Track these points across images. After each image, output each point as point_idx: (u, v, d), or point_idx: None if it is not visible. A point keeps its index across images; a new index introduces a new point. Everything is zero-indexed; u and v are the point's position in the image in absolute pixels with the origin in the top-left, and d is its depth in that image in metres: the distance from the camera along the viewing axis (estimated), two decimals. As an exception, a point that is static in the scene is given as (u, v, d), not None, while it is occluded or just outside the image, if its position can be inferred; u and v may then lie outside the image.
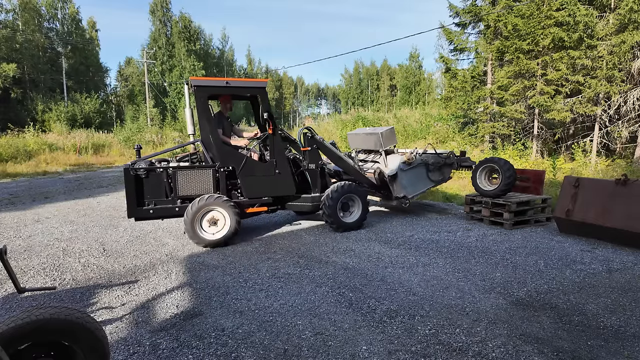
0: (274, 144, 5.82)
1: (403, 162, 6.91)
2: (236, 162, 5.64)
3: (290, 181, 5.95)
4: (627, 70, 12.54)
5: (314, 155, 6.20)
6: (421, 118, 23.52)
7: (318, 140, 6.28)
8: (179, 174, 5.35)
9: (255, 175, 5.77)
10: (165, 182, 5.39)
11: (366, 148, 7.96)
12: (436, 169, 7.21)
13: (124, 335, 3.10)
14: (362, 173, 6.78)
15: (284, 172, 5.89)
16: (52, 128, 29.09)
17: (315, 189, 6.21)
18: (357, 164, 6.88)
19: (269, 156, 5.91)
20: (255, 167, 5.78)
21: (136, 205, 5.24)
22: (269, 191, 5.87)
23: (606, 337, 3.00)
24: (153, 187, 5.35)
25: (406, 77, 56.75)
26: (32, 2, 35.46)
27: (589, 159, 12.67)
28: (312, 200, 6.16)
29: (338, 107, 78.97)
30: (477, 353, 2.78)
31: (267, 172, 5.80)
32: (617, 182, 5.44)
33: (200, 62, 43.38)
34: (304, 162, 6.21)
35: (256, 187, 5.79)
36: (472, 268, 4.50)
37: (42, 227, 6.64)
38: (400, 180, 6.85)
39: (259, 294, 3.86)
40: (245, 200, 5.78)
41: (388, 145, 7.29)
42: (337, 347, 2.88)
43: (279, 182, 5.86)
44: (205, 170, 5.49)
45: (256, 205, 5.83)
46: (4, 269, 3.35)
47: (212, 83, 5.77)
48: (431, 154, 7.21)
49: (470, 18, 16.24)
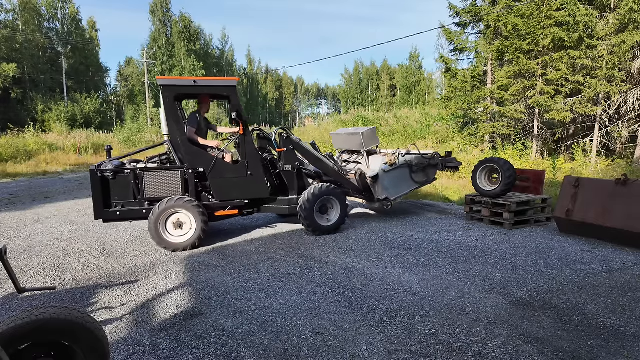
0: (245, 144, 5.60)
1: (385, 163, 6.74)
2: (205, 163, 5.45)
3: (263, 183, 5.76)
4: (627, 70, 12.54)
5: (289, 156, 6.00)
6: (421, 118, 23.54)
7: (294, 140, 6.07)
8: (146, 175, 5.22)
9: (226, 177, 5.57)
10: (133, 184, 5.25)
11: (348, 148, 7.77)
12: (420, 170, 7.03)
13: (124, 335, 3.10)
14: (342, 174, 6.54)
15: (257, 174, 5.68)
16: (52, 128, 29.10)
17: (292, 191, 6.04)
18: (339, 165, 6.68)
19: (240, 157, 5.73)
20: (226, 168, 5.57)
21: (103, 207, 5.15)
22: (240, 194, 5.66)
23: (606, 337, 3.00)
24: (120, 188, 5.22)
25: (406, 77, 56.74)
26: (32, 2, 35.46)
27: (589, 159, 12.68)
28: (288, 202, 5.98)
29: (338, 107, 78.96)
30: (477, 353, 2.78)
31: (238, 173, 5.60)
32: (617, 182, 5.44)
33: (200, 62, 43.39)
34: (280, 163, 6.04)
35: (227, 190, 5.60)
36: (472, 268, 4.50)
37: (42, 227, 6.64)
38: (382, 181, 6.65)
39: (259, 294, 3.86)
40: (216, 202, 5.60)
41: (370, 145, 7.13)
42: (337, 347, 2.88)
43: (250, 184, 5.66)
44: (173, 171, 5.33)
45: (228, 208, 5.64)
46: (4, 269, 3.35)
47: (178, 82, 5.63)
48: (414, 154, 7.03)
49: (470, 18, 16.25)
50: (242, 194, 5.68)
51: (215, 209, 5.60)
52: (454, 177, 11.38)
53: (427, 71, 63.07)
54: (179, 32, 44.20)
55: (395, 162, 6.76)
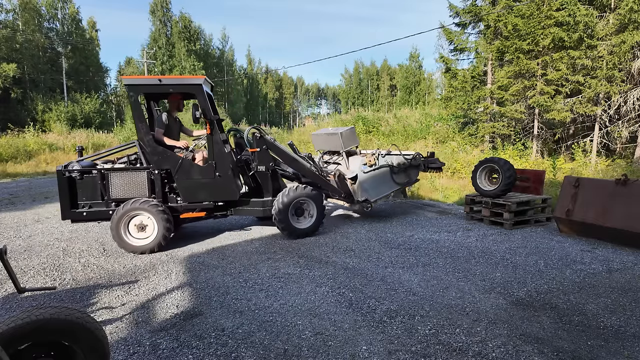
0: (213, 145, 5.41)
1: (364, 164, 6.57)
2: (171, 163, 5.29)
3: (232, 185, 5.53)
4: (627, 70, 12.54)
5: (263, 156, 5.83)
6: (421, 118, 23.50)
7: (268, 140, 5.88)
8: (112, 175, 5.15)
9: (193, 178, 5.39)
10: (100, 184, 5.17)
11: (328, 149, 7.63)
12: (401, 170, 6.88)
13: (124, 335, 3.10)
14: (320, 175, 6.29)
15: (225, 175, 5.46)
16: (52, 128, 29.06)
17: (266, 193, 5.89)
18: (318, 166, 6.44)
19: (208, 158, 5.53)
20: (193, 169, 5.39)
21: (69, 207, 5.11)
22: (207, 196, 5.47)
23: (606, 337, 3.00)
24: (88, 189, 5.17)
25: (406, 77, 56.72)
26: (32, 2, 35.44)
27: (589, 159, 12.67)
28: (263, 205, 5.83)
29: (338, 107, 78.97)
30: (477, 353, 2.78)
31: (206, 175, 5.40)
32: (617, 182, 5.44)
33: (200, 62, 43.41)
34: (253, 164, 5.87)
35: (194, 191, 5.43)
36: (472, 268, 4.50)
37: (42, 227, 6.64)
38: (361, 183, 6.48)
39: (259, 294, 3.86)
40: (184, 205, 5.45)
41: (349, 146, 6.97)
42: (337, 347, 2.88)
43: (219, 186, 5.45)
44: (139, 172, 5.24)
45: (196, 210, 5.51)
46: (4, 269, 3.35)
47: (143, 82, 5.54)
48: (395, 155, 6.90)
49: (470, 18, 16.25)
50: (210, 196, 5.49)
51: (183, 211, 5.46)
52: (454, 177, 11.39)
53: (427, 71, 63.13)
54: (179, 32, 44.21)
55: (375, 162, 6.63)
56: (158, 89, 5.41)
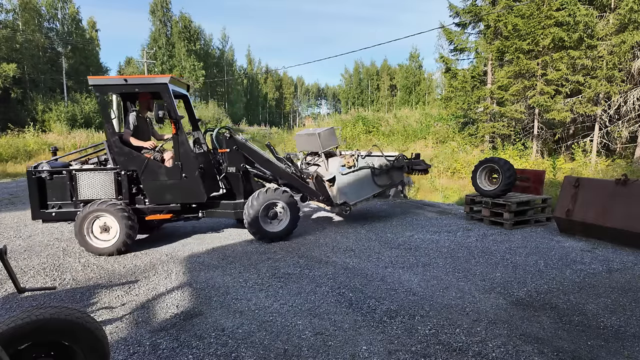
0: (179, 145, 5.27)
1: (342, 165, 6.37)
2: (137, 164, 5.19)
3: (199, 187, 5.36)
4: (627, 70, 12.54)
5: (234, 157, 5.70)
6: (421, 118, 23.52)
7: (239, 140, 5.73)
8: (79, 176, 5.12)
9: (159, 179, 5.27)
10: (69, 185, 5.14)
11: (309, 150, 7.44)
12: (383, 172, 6.64)
13: (124, 335, 3.10)
14: (297, 177, 6.11)
15: (192, 177, 5.29)
16: (52, 128, 29.07)
17: (238, 195, 5.76)
18: (296, 168, 6.27)
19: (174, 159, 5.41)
20: (159, 170, 5.27)
21: (39, 208, 5.11)
22: (174, 197, 5.34)
23: (606, 337, 3.00)
24: (57, 189, 5.14)
25: (406, 77, 56.78)
26: (32, 2, 35.46)
27: (589, 159, 12.68)
28: (234, 207, 5.69)
29: (338, 107, 79.01)
30: (477, 353, 2.78)
31: (172, 176, 5.26)
32: (617, 182, 5.44)
33: (200, 62, 43.45)
34: (223, 165, 5.74)
35: (160, 193, 5.31)
36: (472, 268, 4.50)
37: (42, 227, 6.64)
38: (339, 185, 6.29)
39: (259, 294, 3.86)
40: (151, 206, 5.36)
41: (327, 146, 6.77)
42: (337, 347, 2.88)
43: (185, 187, 5.31)
44: (106, 172, 5.18)
45: (164, 212, 5.41)
46: (4, 269, 3.35)
47: (109, 82, 5.45)
48: (377, 156, 6.69)
49: (470, 18, 16.25)
50: (176, 197, 5.36)
51: (150, 212, 5.39)
52: (454, 177, 11.40)
53: (427, 71, 63.11)
54: (179, 32, 44.26)
55: (354, 164, 6.41)
56: (123, 89, 5.34)
